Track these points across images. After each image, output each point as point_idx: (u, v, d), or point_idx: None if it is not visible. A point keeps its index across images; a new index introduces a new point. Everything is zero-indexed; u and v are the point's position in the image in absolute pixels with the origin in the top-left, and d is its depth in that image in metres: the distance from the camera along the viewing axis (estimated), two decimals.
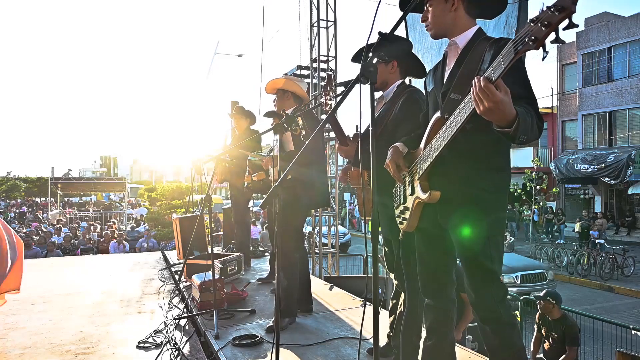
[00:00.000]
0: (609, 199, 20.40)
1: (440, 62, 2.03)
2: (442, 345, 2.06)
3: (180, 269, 4.86)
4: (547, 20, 1.27)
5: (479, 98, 1.48)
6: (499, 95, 1.45)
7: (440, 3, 1.89)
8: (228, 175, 5.08)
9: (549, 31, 1.27)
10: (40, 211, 25.54)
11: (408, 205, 2.02)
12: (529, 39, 1.31)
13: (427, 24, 1.95)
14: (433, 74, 2.06)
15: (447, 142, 1.73)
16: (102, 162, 79.80)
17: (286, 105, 3.56)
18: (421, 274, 2.08)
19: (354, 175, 2.63)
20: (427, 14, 1.94)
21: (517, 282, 9.20)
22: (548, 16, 1.27)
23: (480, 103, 1.48)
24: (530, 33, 1.31)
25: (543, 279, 9.53)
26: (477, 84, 1.48)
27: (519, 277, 9.26)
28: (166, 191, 19.68)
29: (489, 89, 1.45)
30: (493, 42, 1.77)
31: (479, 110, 1.50)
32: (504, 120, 1.49)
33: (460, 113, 1.66)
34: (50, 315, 3.75)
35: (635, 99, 18.77)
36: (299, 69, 9.53)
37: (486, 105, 1.46)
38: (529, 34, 1.32)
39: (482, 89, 1.46)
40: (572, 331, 4.85)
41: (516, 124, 1.49)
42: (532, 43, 1.31)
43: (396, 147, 2.04)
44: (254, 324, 3.38)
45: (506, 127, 1.51)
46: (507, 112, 1.47)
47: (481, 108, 1.48)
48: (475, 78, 1.49)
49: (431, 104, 2.03)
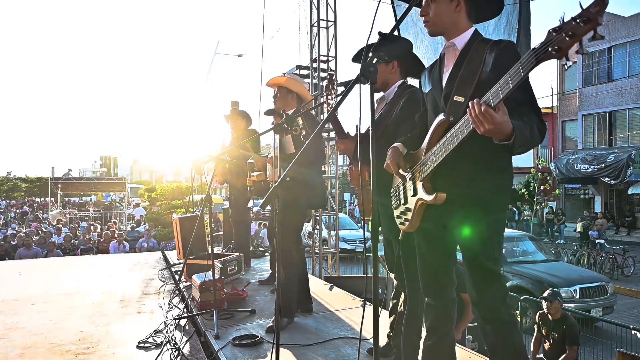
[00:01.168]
0: (609, 199, 20.41)
1: (436, 63, 2.03)
2: (442, 345, 2.07)
3: (180, 269, 4.86)
4: (571, 30, 1.29)
5: (478, 121, 1.55)
6: (498, 118, 1.52)
7: (445, 2, 1.88)
8: (228, 175, 5.08)
9: (573, 42, 1.30)
10: (41, 211, 25.53)
11: (410, 206, 2.02)
12: (553, 49, 1.34)
13: (427, 19, 1.91)
14: (429, 75, 2.05)
15: (456, 146, 1.72)
16: (102, 162, 79.80)
17: (288, 105, 3.52)
18: (422, 274, 2.08)
19: (354, 176, 2.63)
20: (429, 9, 1.90)
21: (575, 296, 7.99)
22: (572, 27, 1.28)
23: (480, 125, 1.55)
24: (554, 42, 1.33)
25: (603, 292, 8.31)
26: (477, 109, 1.53)
27: (577, 291, 8.03)
28: (166, 191, 19.68)
29: (488, 114, 1.51)
30: (493, 45, 1.78)
31: (479, 131, 1.57)
32: (503, 136, 1.57)
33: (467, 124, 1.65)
34: (50, 315, 3.75)
35: (635, 99, 18.77)
36: (298, 69, 9.53)
37: (486, 127, 1.54)
38: (552, 43, 1.34)
39: (483, 113, 1.52)
40: (572, 331, 4.85)
41: (514, 138, 1.56)
42: (555, 53, 1.34)
43: (396, 147, 2.04)
44: (254, 324, 3.38)
45: (505, 141, 1.58)
46: (505, 130, 1.55)
47: (481, 129, 1.55)
48: (473, 102, 1.55)
49: (429, 104, 2.02)
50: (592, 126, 20.55)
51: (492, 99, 1.52)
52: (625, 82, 19.15)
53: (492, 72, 1.72)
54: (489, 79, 1.71)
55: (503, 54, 1.75)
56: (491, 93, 1.53)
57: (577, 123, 21.07)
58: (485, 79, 1.74)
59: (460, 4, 1.88)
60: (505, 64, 1.70)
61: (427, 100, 2.04)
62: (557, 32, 1.32)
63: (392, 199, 2.19)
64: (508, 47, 1.79)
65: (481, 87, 1.71)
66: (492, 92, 1.53)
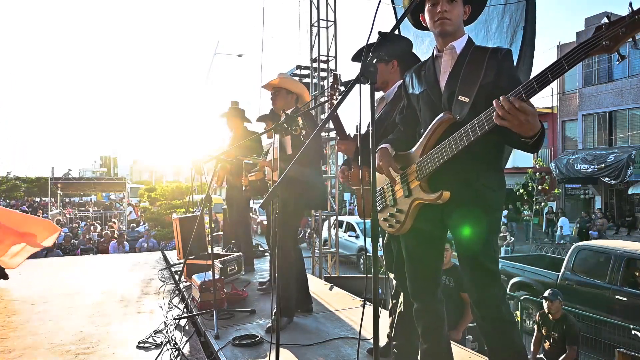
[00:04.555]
0: (609, 199, 20.40)
1: (427, 64, 2.02)
2: (437, 349, 2.07)
3: (180, 269, 4.86)
4: (627, 26, 1.33)
5: (512, 116, 1.53)
6: (532, 111, 1.53)
7: (460, 5, 1.91)
8: (228, 175, 5.07)
9: (627, 37, 1.34)
10: (41, 211, 25.52)
11: (402, 207, 1.99)
12: (606, 42, 1.37)
13: (448, 17, 1.88)
14: (418, 77, 2.04)
15: (470, 142, 1.71)
16: (102, 162, 79.73)
17: (288, 106, 3.54)
18: (413, 277, 2.05)
19: (353, 176, 2.63)
20: (451, 7, 1.88)
21: None
22: (629, 23, 1.33)
23: (513, 119, 1.54)
24: (607, 36, 1.37)
25: None
26: (513, 104, 1.53)
27: None
28: (166, 191, 19.68)
29: (522, 108, 1.52)
30: (493, 52, 1.84)
31: (512, 126, 1.56)
32: (534, 132, 1.58)
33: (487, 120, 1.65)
34: (50, 315, 3.75)
35: (635, 98, 18.77)
36: (298, 69, 9.53)
37: (521, 119, 1.53)
38: (605, 37, 1.37)
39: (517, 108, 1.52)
40: (572, 331, 4.86)
41: (539, 134, 1.59)
42: (607, 46, 1.38)
43: (385, 148, 2.03)
44: (254, 324, 3.37)
45: (529, 138, 1.61)
46: (536, 125, 1.57)
47: (516, 123, 1.55)
48: (504, 98, 1.55)
49: (424, 105, 1.99)
50: (592, 126, 20.55)
51: (524, 93, 1.53)
52: (625, 82, 19.14)
53: (497, 76, 1.78)
54: (491, 82, 1.78)
55: (507, 61, 1.83)
56: (524, 87, 1.54)
57: (577, 123, 21.07)
58: (488, 82, 1.78)
59: (467, 12, 1.95)
60: (509, 69, 1.81)
61: (420, 100, 2.01)
62: (611, 27, 1.35)
63: (378, 201, 2.14)
64: (509, 54, 1.86)
65: (483, 90, 1.77)
66: (525, 86, 1.54)
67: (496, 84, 1.76)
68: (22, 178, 38.09)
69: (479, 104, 1.73)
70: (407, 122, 2.10)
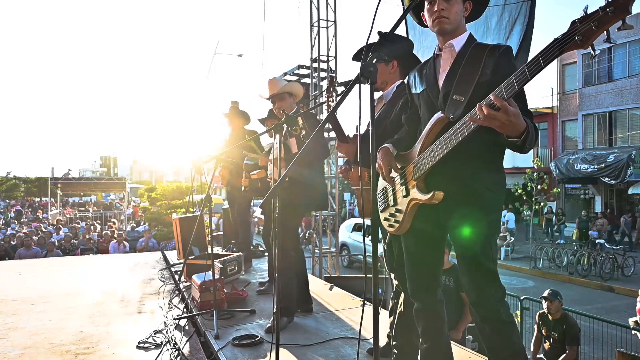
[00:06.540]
0: (609, 199, 20.39)
1: (428, 63, 2.02)
2: (437, 349, 2.07)
3: (180, 269, 4.86)
4: (598, 20, 1.30)
5: (491, 116, 1.53)
6: (513, 111, 1.52)
7: (459, 3, 1.90)
8: (228, 175, 5.07)
9: (599, 31, 1.31)
10: (40, 211, 25.52)
11: (401, 207, 1.99)
12: (578, 38, 1.35)
13: (446, 15, 1.87)
14: (420, 75, 2.04)
15: (460, 141, 1.71)
16: (102, 162, 79.77)
17: (285, 106, 3.53)
18: (413, 277, 2.05)
19: (353, 176, 2.63)
20: (445, 4, 1.87)
21: None
22: (600, 17, 1.30)
23: (494, 120, 1.54)
24: (579, 32, 1.34)
25: None
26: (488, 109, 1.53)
27: None
28: (166, 191, 19.68)
29: (502, 106, 1.51)
30: (492, 49, 1.82)
31: (495, 126, 1.56)
32: (517, 133, 1.58)
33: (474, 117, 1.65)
34: (50, 315, 3.75)
35: (635, 99, 18.76)
36: (300, 68, 9.54)
37: (503, 120, 1.53)
38: (577, 33, 1.35)
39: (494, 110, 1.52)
40: (572, 331, 4.85)
41: (526, 135, 1.59)
42: (580, 42, 1.36)
43: (386, 148, 2.03)
44: (254, 324, 3.37)
45: (515, 138, 1.60)
46: (519, 126, 1.56)
47: (497, 124, 1.55)
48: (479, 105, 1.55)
49: (423, 104, 2.00)
50: (592, 126, 20.54)
51: (505, 92, 1.53)
52: (625, 82, 19.14)
53: (493, 74, 1.76)
54: (489, 81, 1.75)
55: (503, 58, 1.79)
56: (504, 86, 1.53)
57: (577, 123, 21.06)
58: (485, 81, 1.76)
59: (468, 9, 1.93)
60: (505, 66, 1.76)
61: (420, 100, 2.02)
62: (583, 21, 1.33)
63: (380, 201, 2.16)
64: (507, 51, 1.83)
65: (480, 89, 1.74)
66: (505, 85, 1.53)
67: (492, 82, 1.70)
68: (22, 178, 38.13)
69: (475, 102, 1.71)
70: (410, 122, 2.10)
